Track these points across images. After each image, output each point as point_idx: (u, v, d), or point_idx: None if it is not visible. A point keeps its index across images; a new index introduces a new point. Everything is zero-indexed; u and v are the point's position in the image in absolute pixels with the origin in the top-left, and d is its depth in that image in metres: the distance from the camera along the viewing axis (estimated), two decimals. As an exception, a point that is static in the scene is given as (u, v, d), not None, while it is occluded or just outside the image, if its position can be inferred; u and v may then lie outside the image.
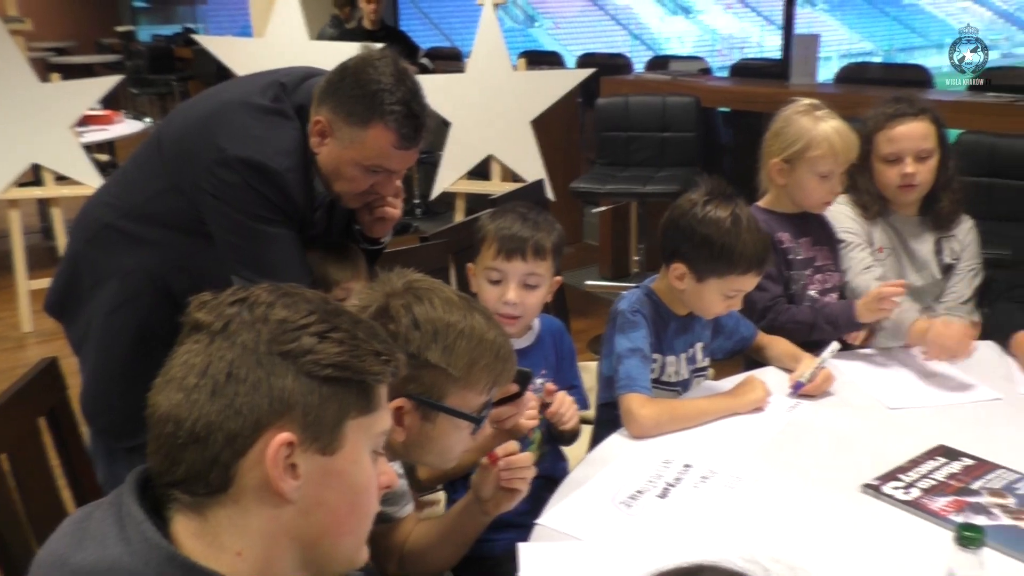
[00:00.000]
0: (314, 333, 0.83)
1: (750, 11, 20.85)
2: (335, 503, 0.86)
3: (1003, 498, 1.39)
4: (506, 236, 1.67)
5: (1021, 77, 3.99)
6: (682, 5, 21.69)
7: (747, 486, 1.46)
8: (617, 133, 4.22)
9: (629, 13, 19.42)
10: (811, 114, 2.01)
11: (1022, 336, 1.87)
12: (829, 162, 1.97)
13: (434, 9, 11.55)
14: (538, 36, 15.88)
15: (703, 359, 1.89)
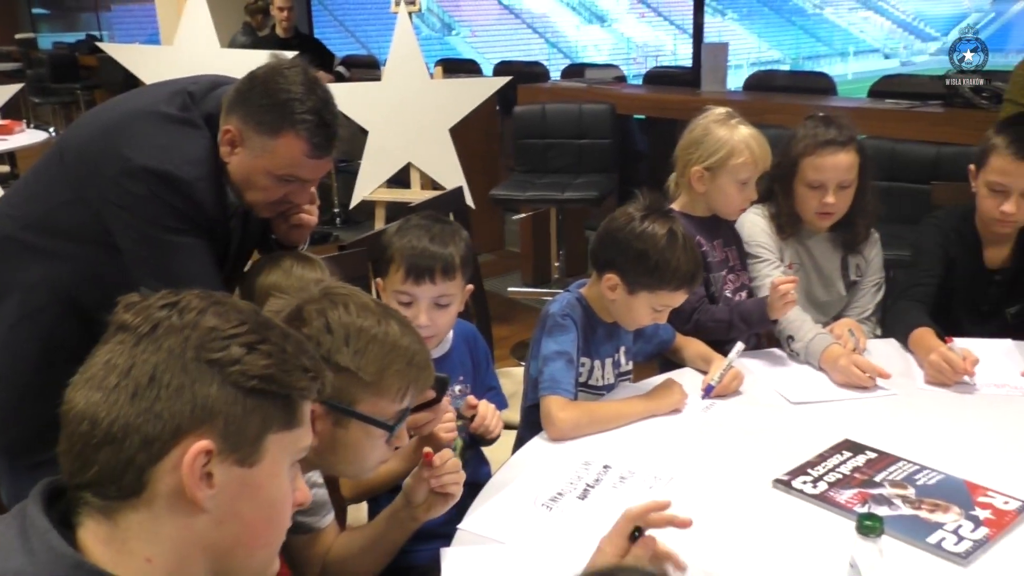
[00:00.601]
0: (243, 344, 0.82)
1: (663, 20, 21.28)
2: (250, 516, 0.85)
3: (904, 489, 1.45)
4: (414, 258, 1.65)
5: (918, 84, 4.18)
6: (597, 14, 21.99)
7: (664, 485, 1.49)
8: (535, 141, 4.27)
9: (546, 21, 19.57)
10: (727, 123, 2.07)
11: (919, 333, 1.95)
12: (750, 169, 2.04)
13: (349, 17, 11.45)
14: (456, 44, 15.87)
15: (626, 363, 1.93)
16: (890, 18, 31.73)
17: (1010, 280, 2.12)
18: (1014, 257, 2.11)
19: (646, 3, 22.20)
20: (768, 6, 27.33)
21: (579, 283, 1.90)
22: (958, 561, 1.26)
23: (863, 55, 29.06)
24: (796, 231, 2.18)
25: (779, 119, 3.70)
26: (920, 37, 31.65)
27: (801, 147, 2.09)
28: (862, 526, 1.03)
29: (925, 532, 1.32)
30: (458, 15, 16.78)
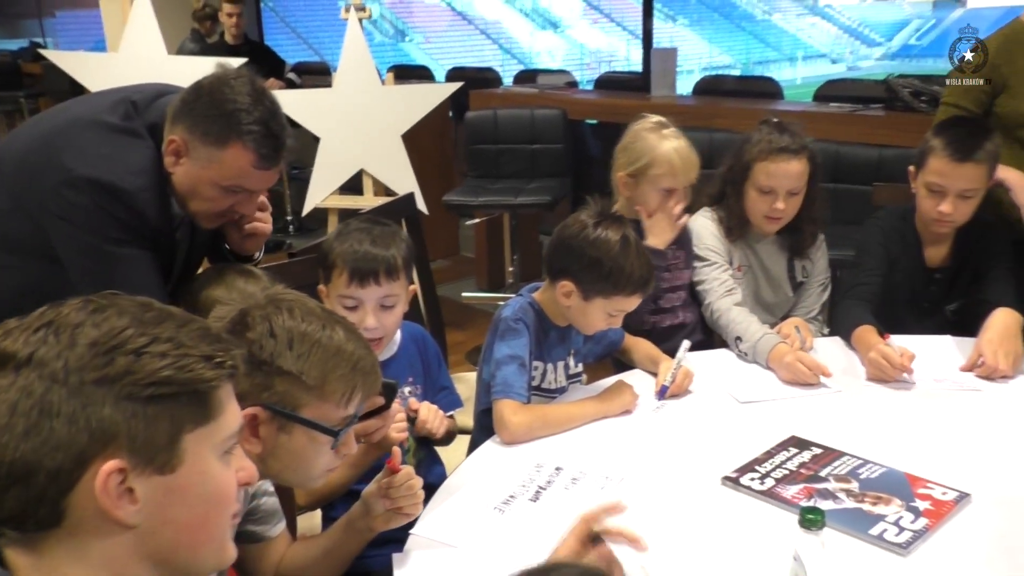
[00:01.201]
0: (129, 351, 0.78)
1: (616, 26, 21.44)
2: (184, 518, 0.83)
3: (848, 483, 1.48)
4: (357, 261, 1.64)
5: (862, 88, 4.27)
6: (551, 20, 22.09)
7: (616, 485, 1.51)
8: (487, 146, 4.29)
9: (499, 28, 19.60)
10: (658, 132, 2.11)
11: (861, 331, 2.00)
12: (669, 180, 2.09)
13: (301, 23, 11.37)
14: (409, 50, 15.80)
15: (576, 365, 1.95)
16: (836, 24, 32.44)
17: (949, 278, 2.18)
18: (953, 256, 2.18)
19: (599, 9, 22.36)
20: (718, 12, 27.78)
21: (532, 287, 1.91)
22: (898, 551, 1.29)
23: (811, 60, 29.60)
24: (745, 234, 2.22)
25: (727, 123, 3.76)
26: (865, 43, 32.48)
27: (755, 152, 2.13)
28: (804, 519, 1.05)
29: (868, 524, 1.36)
30: (411, 21, 16.71)
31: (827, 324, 2.25)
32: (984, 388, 1.85)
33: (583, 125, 4.84)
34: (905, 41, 35.39)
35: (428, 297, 2.51)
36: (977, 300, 2.09)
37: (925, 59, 34.61)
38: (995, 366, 1.85)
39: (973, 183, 2.03)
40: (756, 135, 2.16)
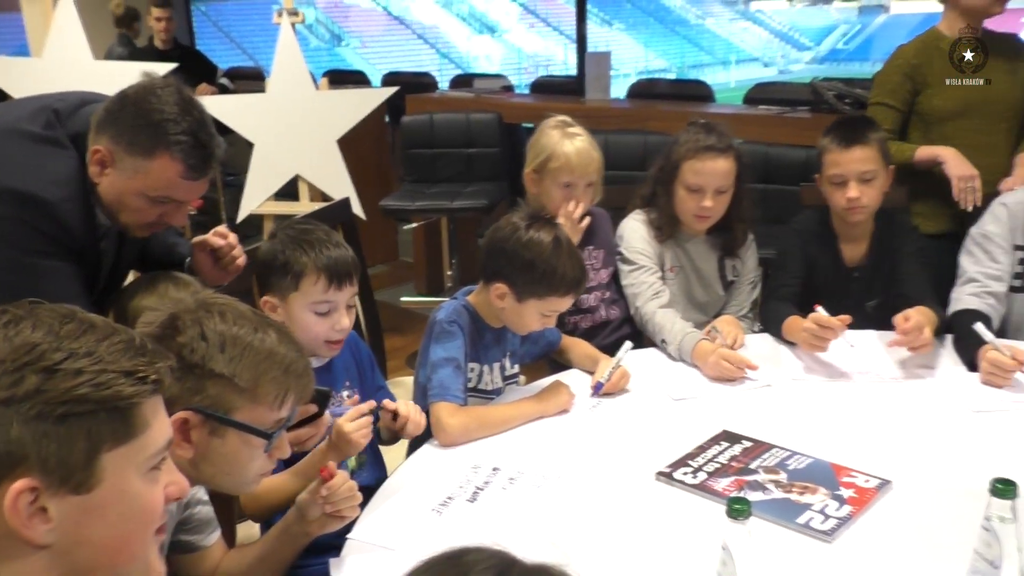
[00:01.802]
0: (41, 368, 0.76)
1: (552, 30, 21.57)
2: (103, 538, 0.81)
3: (776, 474, 1.53)
4: (331, 266, 1.64)
5: (789, 91, 4.37)
6: (487, 24, 22.14)
7: (553, 484, 1.53)
8: (423, 150, 4.29)
9: (436, 32, 19.57)
10: (561, 129, 2.18)
11: (789, 321, 2.06)
12: (567, 175, 2.15)
13: (235, 28, 11.20)
14: (345, 55, 15.68)
15: (512, 367, 1.96)
16: (767, 28, 33.16)
17: (868, 276, 2.26)
18: (869, 255, 2.26)
19: (535, 14, 22.48)
20: (653, 17, 28.18)
21: (466, 290, 1.93)
22: (823, 538, 1.34)
23: (744, 64, 30.21)
24: (675, 234, 2.27)
25: (661, 126, 3.82)
26: (795, 47, 33.26)
27: (683, 151, 2.18)
28: (731, 510, 1.08)
29: (795, 513, 1.40)
30: (347, 26, 16.59)
31: (758, 321, 2.30)
32: (904, 380, 1.92)
33: (520, 128, 4.87)
34: (833, 45, 36.35)
35: (366, 302, 2.50)
36: (896, 296, 2.16)
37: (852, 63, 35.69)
38: (915, 326, 1.90)
39: (867, 164, 2.12)
40: (684, 135, 2.21)
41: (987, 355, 1.85)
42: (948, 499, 1.42)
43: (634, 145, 3.54)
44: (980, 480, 1.07)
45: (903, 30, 32.10)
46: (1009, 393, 1.80)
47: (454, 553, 0.63)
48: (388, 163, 5.13)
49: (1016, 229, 2.10)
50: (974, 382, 1.86)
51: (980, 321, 1.90)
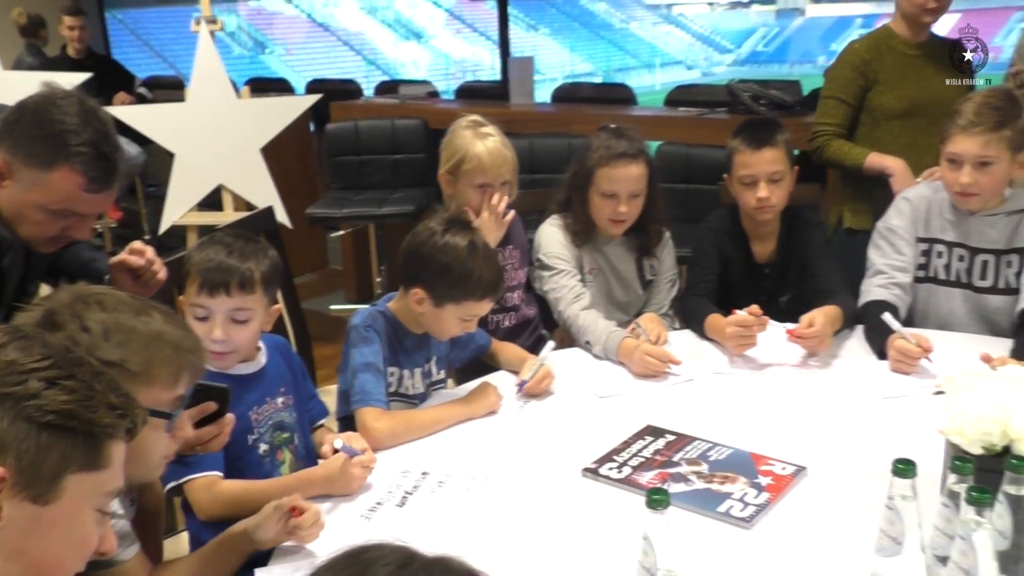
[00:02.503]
0: (43, 379, 0.83)
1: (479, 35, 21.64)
2: (38, 554, 0.83)
3: (698, 465, 1.57)
4: (209, 271, 1.60)
5: (708, 93, 4.47)
6: (414, 30, 22.11)
7: (482, 485, 1.55)
8: (349, 157, 4.27)
9: (362, 39, 19.45)
10: (473, 130, 2.20)
11: (711, 319, 2.12)
12: (480, 176, 2.17)
13: (153, 35, 10.96)
14: (270, 63, 15.46)
15: (438, 372, 1.97)
16: (690, 32, 33.79)
17: (779, 272, 2.34)
18: (779, 251, 2.34)
19: (461, 19, 22.51)
20: (578, 21, 28.46)
21: (387, 297, 1.93)
22: (743, 525, 1.38)
23: (668, 67, 30.71)
24: (592, 238, 2.31)
25: (584, 129, 3.87)
26: (717, 49, 33.94)
27: (595, 158, 2.22)
28: (650, 501, 1.11)
29: (716, 502, 1.44)
30: (271, 33, 16.36)
31: (678, 318, 2.36)
32: (818, 371, 1.99)
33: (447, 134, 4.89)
34: (753, 48, 37.21)
35: (293, 312, 2.48)
36: (808, 290, 2.24)
37: (771, 64, 36.55)
38: (812, 325, 1.98)
39: (776, 165, 2.20)
40: (595, 141, 2.25)
41: (895, 344, 1.93)
42: (858, 482, 1.48)
43: (558, 148, 3.59)
44: (888, 463, 1.12)
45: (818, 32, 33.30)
46: (915, 379, 1.88)
47: (355, 551, 0.65)
48: (315, 171, 5.09)
49: (918, 222, 2.19)
50: (883, 370, 1.95)
51: (888, 311, 1.99)
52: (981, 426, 1.18)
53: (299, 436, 1.77)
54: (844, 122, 2.66)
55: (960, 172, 2.04)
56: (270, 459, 1.71)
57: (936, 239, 2.18)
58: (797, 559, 1.31)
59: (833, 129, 2.67)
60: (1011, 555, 1.07)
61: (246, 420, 1.66)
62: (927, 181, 2.28)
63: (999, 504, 1.08)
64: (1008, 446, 1.17)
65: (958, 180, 2.05)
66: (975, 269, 2.14)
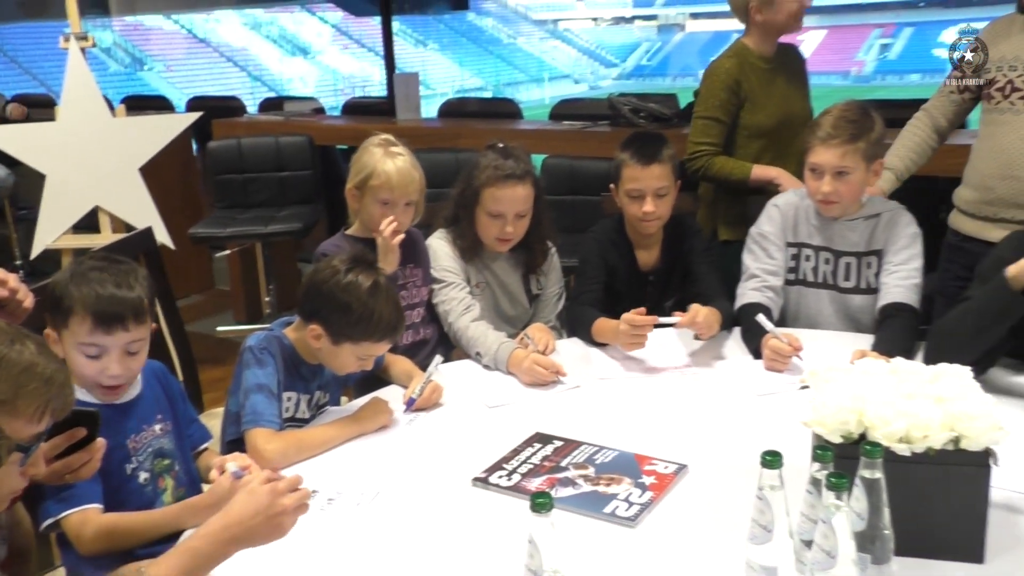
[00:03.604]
0: None
1: (367, 51, 21.58)
2: None
3: (585, 469, 1.61)
4: (102, 306, 1.53)
5: (591, 107, 4.58)
6: (300, 46, 21.85)
7: (372, 500, 1.54)
8: (233, 175, 4.20)
9: (247, 55, 19.10)
10: (384, 148, 2.21)
11: (599, 323, 2.18)
12: (386, 193, 2.18)
13: (22, 52, 10.45)
14: (149, 80, 14.96)
15: (325, 395, 1.96)
16: (576, 47, 34.52)
17: (662, 279, 2.42)
18: (662, 259, 2.43)
19: (348, 35, 22.37)
20: (466, 37, 28.71)
21: (283, 321, 1.92)
22: (627, 524, 1.43)
23: (557, 80, 31.31)
24: (479, 253, 2.34)
25: (472, 143, 3.92)
26: (603, 63, 34.72)
27: (483, 178, 2.25)
28: (534, 504, 1.14)
29: (602, 504, 1.48)
30: (149, 50, 15.86)
31: (565, 329, 2.41)
32: (699, 371, 2.07)
33: (334, 150, 4.85)
34: (638, 62, 38.30)
35: (176, 335, 2.42)
36: (691, 295, 2.33)
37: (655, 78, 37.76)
38: (696, 316, 2.08)
39: (663, 180, 2.29)
40: (483, 161, 2.29)
41: (768, 343, 2.03)
42: (735, 476, 1.54)
43: (446, 163, 3.61)
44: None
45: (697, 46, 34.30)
46: (788, 376, 1.98)
47: None
48: (198, 190, 4.97)
49: (787, 228, 2.31)
50: (758, 369, 2.04)
51: (762, 313, 2.09)
52: (839, 416, 1.26)
53: (180, 462, 1.73)
54: (721, 140, 2.75)
55: (821, 181, 2.16)
56: (151, 487, 1.67)
57: (804, 243, 2.30)
58: (678, 553, 1.36)
59: (712, 148, 2.75)
60: (868, 535, 1.14)
61: (123, 449, 1.62)
62: (794, 189, 2.40)
63: (856, 488, 1.15)
64: (864, 433, 1.25)
65: (820, 189, 2.17)
66: (839, 271, 2.27)
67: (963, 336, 1.80)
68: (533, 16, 43.06)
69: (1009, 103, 2.34)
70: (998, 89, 2.36)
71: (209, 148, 4.26)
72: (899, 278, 2.16)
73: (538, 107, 4.85)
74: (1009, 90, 2.34)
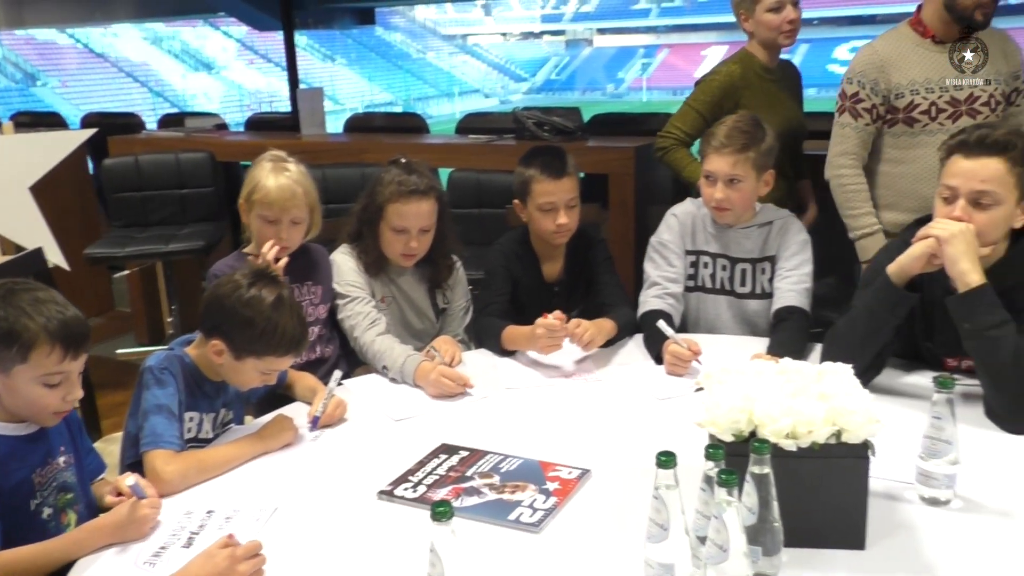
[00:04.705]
0: None
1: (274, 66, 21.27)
2: None
3: (490, 478, 1.62)
4: (64, 331, 1.47)
5: (496, 121, 4.63)
6: (203, 61, 21.42)
7: (269, 516, 1.52)
8: (131, 193, 4.08)
9: (147, 70, 18.61)
10: (274, 163, 2.22)
11: (509, 331, 2.21)
12: (266, 209, 2.18)
13: (-98, 67, 9.95)
14: (43, 95, 14.46)
15: (228, 413, 1.92)
16: (485, 61, 34.78)
17: (567, 290, 2.46)
18: (566, 270, 2.47)
19: (254, 50, 22.05)
20: (375, 51, 28.61)
21: (183, 340, 1.88)
22: (532, 530, 1.44)
23: (467, 95, 31.47)
24: (384, 269, 2.34)
25: (377, 158, 3.90)
26: (512, 78, 35.01)
27: (387, 194, 2.25)
28: (434, 513, 1.14)
29: (506, 511, 1.49)
30: (42, 65, 15.34)
31: (472, 342, 2.43)
32: (603, 378, 2.11)
33: (238, 167, 4.76)
34: (547, 76, 38.75)
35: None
36: (596, 304, 2.37)
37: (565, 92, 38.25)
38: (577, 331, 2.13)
39: (572, 192, 2.34)
40: (386, 176, 2.29)
41: (669, 349, 2.08)
42: (636, 478, 1.57)
43: (352, 178, 3.60)
44: (660, 459, 1.21)
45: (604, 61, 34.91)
46: (688, 380, 2.04)
47: None
48: (94, 209, 4.81)
49: (685, 236, 2.38)
50: (660, 373, 2.09)
51: (663, 319, 2.14)
52: (730, 416, 1.30)
53: (81, 496, 1.67)
54: (695, 133, 2.80)
55: (714, 188, 2.24)
56: (54, 523, 1.60)
57: (702, 251, 2.37)
58: (581, 556, 1.38)
59: (682, 136, 2.82)
60: (758, 528, 1.19)
61: (29, 484, 1.55)
62: (691, 198, 2.47)
63: (747, 484, 1.19)
64: (754, 431, 1.30)
65: (713, 196, 2.25)
66: (736, 277, 2.34)
67: (856, 338, 1.88)
68: (442, 31, 43.22)
69: (938, 124, 2.45)
70: (923, 112, 2.46)
71: (105, 165, 4.13)
72: (791, 283, 2.25)
73: (449, 121, 4.88)
74: (935, 112, 2.45)
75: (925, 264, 1.81)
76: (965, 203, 1.79)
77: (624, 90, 38.26)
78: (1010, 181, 1.77)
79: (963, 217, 1.78)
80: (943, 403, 1.43)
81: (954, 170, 1.81)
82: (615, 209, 3.63)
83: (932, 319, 1.92)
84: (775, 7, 2.75)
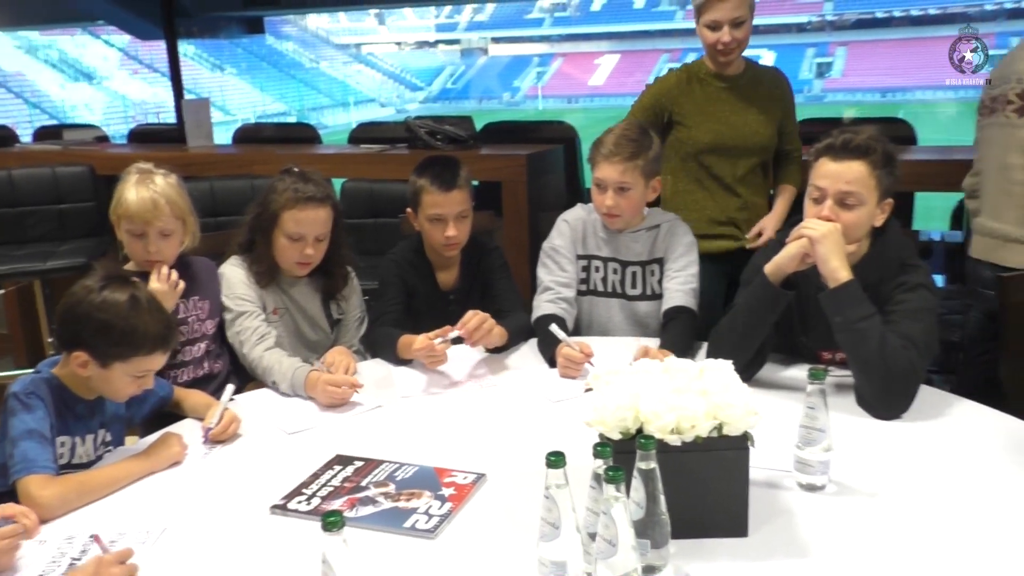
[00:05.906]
0: None
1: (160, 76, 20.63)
2: None
3: (386, 487, 1.62)
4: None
5: (389, 130, 4.60)
6: (84, 71, 20.60)
7: (157, 537, 1.48)
8: (5, 210, 3.89)
9: (22, 81, 17.81)
10: (139, 175, 2.16)
11: (402, 340, 2.20)
12: (127, 222, 2.14)
13: None
14: (-96, 108, 13.64)
15: (109, 434, 1.86)
16: (380, 71, 34.55)
17: (463, 298, 2.47)
18: (461, 278, 2.48)
19: (138, 60, 21.32)
20: (266, 61, 28.06)
21: (50, 361, 1.80)
22: (427, 536, 1.45)
23: (363, 104, 31.19)
24: (276, 279, 2.30)
25: (267, 170, 3.81)
26: (409, 87, 34.92)
27: (283, 200, 2.23)
28: (325, 524, 1.13)
29: (402, 519, 1.49)
30: (-97, 74, 14.48)
31: (368, 352, 2.41)
32: (499, 383, 2.13)
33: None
34: (443, 85, 38.78)
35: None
36: (492, 311, 2.39)
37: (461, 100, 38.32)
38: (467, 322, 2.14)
39: (463, 204, 2.36)
40: (280, 184, 2.26)
41: (562, 352, 2.12)
42: (530, 480, 1.58)
43: (240, 190, 3.53)
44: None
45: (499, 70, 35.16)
46: (580, 382, 2.07)
47: None
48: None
49: (577, 241, 2.42)
50: (554, 376, 2.13)
51: (555, 323, 2.18)
52: (618, 414, 1.34)
53: None
54: None
55: (605, 196, 2.29)
56: None
57: (593, 255, 2.42)
58: (476, 559, 1.39)
59: None
60: (646, 522, 1.22)
61: None
62: (581, 204, 2.52)
63: (634, 479, 1.23)
64: (640, 428, 1.34)
65: (604, 203, 2.30)
66: (627, 280, 2.40)
67: (736, 335, 1.96)
68: (335, 40, 42.72)
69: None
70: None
71: (-26, 181, 3.92)
72: (678, 283, 2.32)
73: (344, 131, 4.86)
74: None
75: (799, 263, 1.90)
76: (832, 203, 1.89)
77: (520, 98, 38.58)
78: (871, 183, 1.88)
79: (831, 217, 1.88)
80: (816, 394, 1.50)
81: (822, 172, 1.91)
82: (509, 216, 3.66)
83: (807, 315, 2.01)
84: (711, 25, 2.66)
